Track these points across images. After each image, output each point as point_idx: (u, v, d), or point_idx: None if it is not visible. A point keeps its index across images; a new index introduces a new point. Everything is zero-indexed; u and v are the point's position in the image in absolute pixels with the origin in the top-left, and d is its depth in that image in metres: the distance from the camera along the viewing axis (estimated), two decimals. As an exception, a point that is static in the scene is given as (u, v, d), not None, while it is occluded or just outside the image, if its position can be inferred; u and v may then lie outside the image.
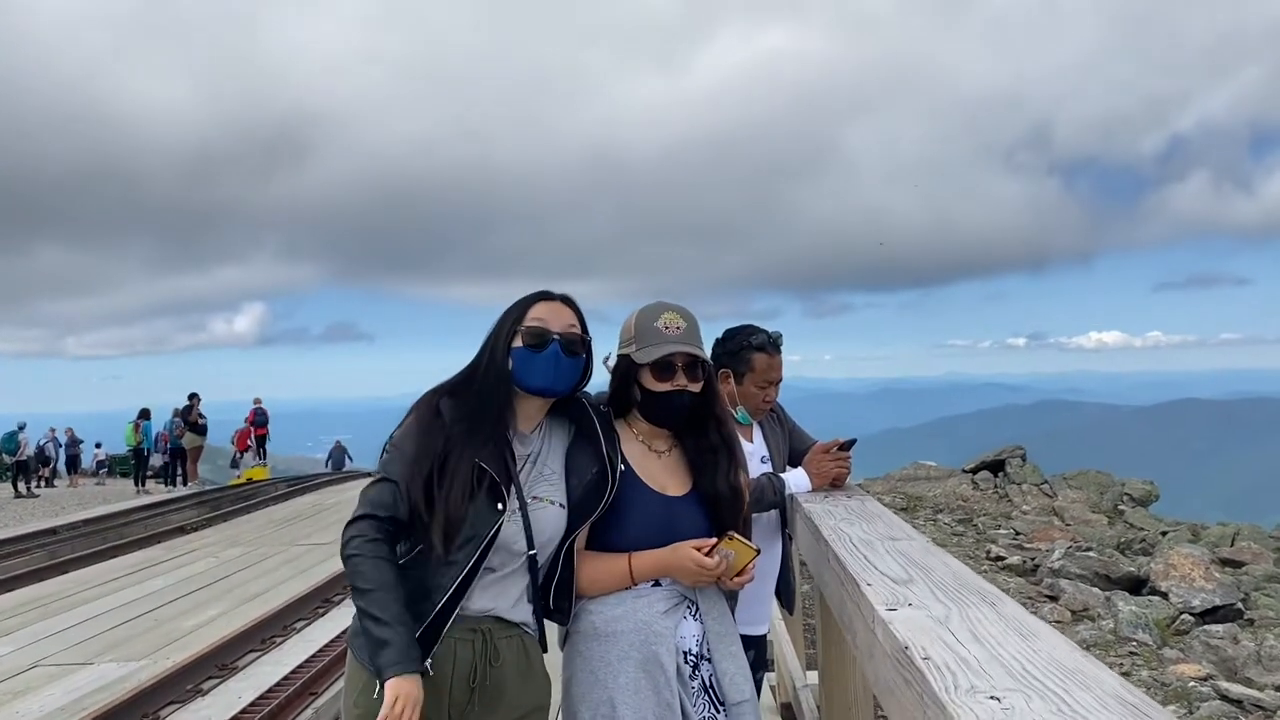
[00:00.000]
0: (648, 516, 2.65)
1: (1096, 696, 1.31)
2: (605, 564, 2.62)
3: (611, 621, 2.60)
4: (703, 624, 2.67)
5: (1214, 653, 8.62)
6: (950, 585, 1.97)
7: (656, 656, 2.56)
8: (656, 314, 2.69)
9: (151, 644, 8.34)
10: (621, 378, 2.73)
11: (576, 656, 2.64)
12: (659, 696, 2.54)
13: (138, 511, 19.01)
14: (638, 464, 2.71)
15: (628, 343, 2.71)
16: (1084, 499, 17.26)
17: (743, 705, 2.65)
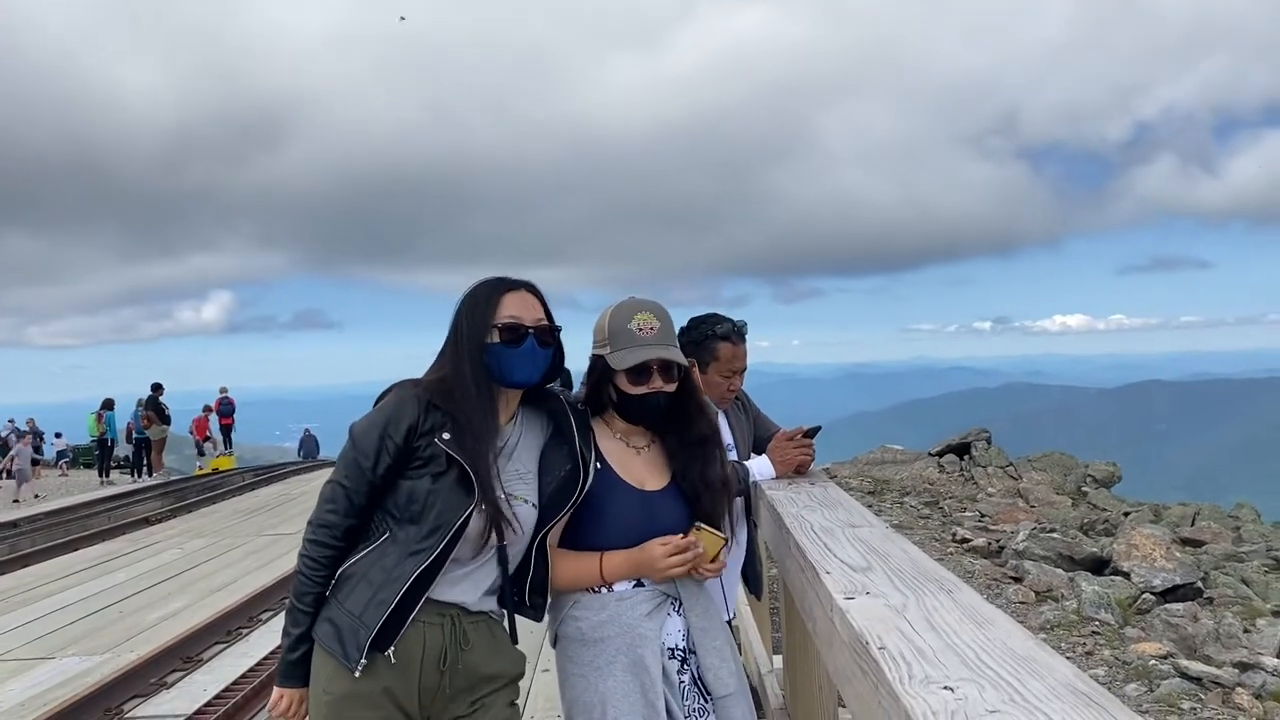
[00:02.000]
0: (626, 512, 2.65)
1: (1049, 685, 1.31)
2: (577, 563, 2.63)
3: (597, 627, 2.62)
4: (686, 619, 2.68)
5: (1174, 631, 8.75)
6: (908, 573, 1.98)
7: (642, 660, 2.58)
8: (630, 315, 2.67)
9: (115, 637, 8.25)
10: (598, 378, 2.72)
11: (567, 662, 2.67)
12: (645, 699, 2.56)
13: (101, 503, 18.79)
14: (616, 461, 2.71)
15: (601, 343, 2.70)
16: (1048, 481, 17.46)
17: (727, 699, 2.66)
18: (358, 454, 2.53)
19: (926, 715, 1.23)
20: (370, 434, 2.53)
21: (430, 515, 2.48)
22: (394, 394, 2.60)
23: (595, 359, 2.72)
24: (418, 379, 2.64)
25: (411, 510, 2.50)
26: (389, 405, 2.57)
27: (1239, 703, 6.96)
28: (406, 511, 2.50)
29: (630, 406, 2.70)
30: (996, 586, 10.42)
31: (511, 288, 2.64)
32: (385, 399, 2.61)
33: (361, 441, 2.53)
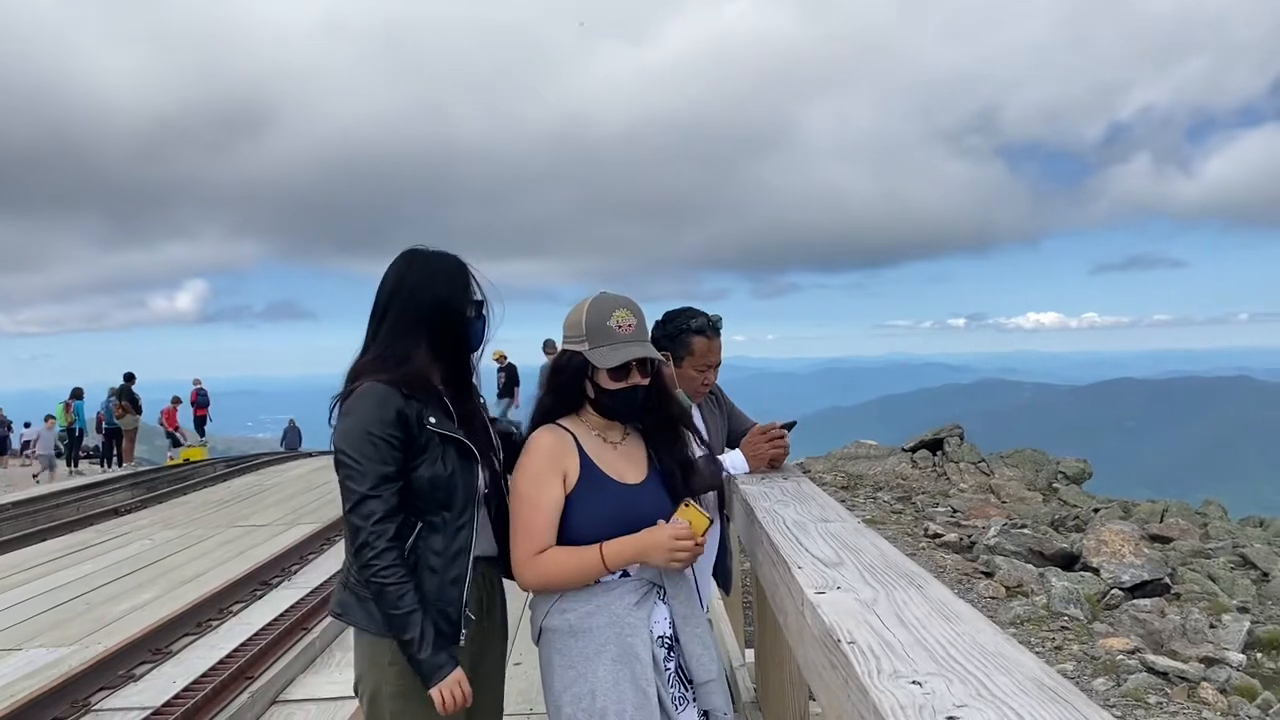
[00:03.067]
0: (608, 507, 2.65)
1: (1015, 680, 1.32)
2: (576, 557, 2.60)
3: (585, 617, 2.62)
4: (670, 606, 2.69)
5: (1141, 626, 8.86)
6: (879, 567, 1.99)
7: (632, 648, 2.59)
8: (608, 311, 2.68)
9: (83, 629, 8.17)
10: (574, 374, 2.72)
11: (554, 654, 2.66)
12: (636, 686, 2.56)
13: (70, 493, 18.59)
14: (595, 455, 2.71)
15: (577, 339, 2.70)
16: (1020, 477, 17.61)
17: (709, 685, 2.68)
18: (377, 464, 2.60)
19: (895, 709, 1.24)
20: (377, 443, 2.60)
21: (459, 493, 2.69)
22: (370, 395, 2.64)
23: (570, 354, 2.71)
24: (376, 371, 2.68)
25: (438, 497, 2.67)
26: (373, 409, 2.62)
27: (1204, 697, 7.05)
28: (433, 499, 2.67)
29: (610, 402, 2.72)
30: (967, 581, 10.50)
31: (468, 265, 2.83)
32: (360, 401, 2.64)
33: (373, 451, 2.60)
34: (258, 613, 8.33)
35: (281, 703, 6.22)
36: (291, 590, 9.16)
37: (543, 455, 2.67)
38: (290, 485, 18.96)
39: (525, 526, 2.64)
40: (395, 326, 2.73)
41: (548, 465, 2.66)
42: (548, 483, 2.64)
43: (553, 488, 2.64)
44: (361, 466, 2.59)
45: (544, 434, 2.72)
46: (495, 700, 3.03)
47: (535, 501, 2.64)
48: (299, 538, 11.70)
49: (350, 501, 2.61)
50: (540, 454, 2.68)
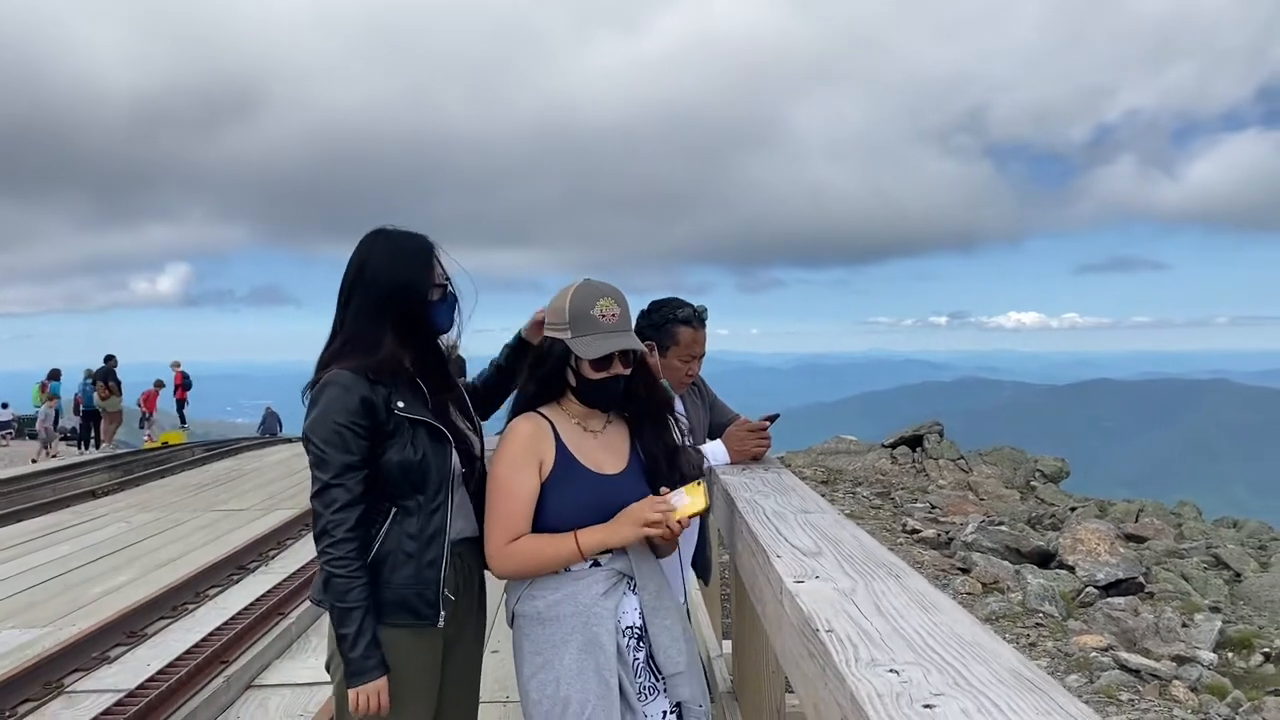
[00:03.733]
0: (585, 498, 2.64)
1: (992, 670, 1.33)
2: (550, 544, 2.61)
3: (553, 605, 2.62)
4: (640, 598, 2.69)
5: (1115, 624, 8.93)
6: (858, 558, 1.99)
7: (597, 638, 2.59)
8: (592, 300, 2.66)
9: (57, 610, 8.12)
10: (557, 362, 2.70)
11: (523, 640, 2.67)
12: (600, 676, 2.57)
13: (45, 475, 18.46)
14: (573, 445, 2.70)
15: (560, 327, 2.68)
16: (998, 474, 17.71)
17: (677, 677, 2.68)
18: (341, 453, 2.60)
19: (872, 697, 1.24)
20: (342, 431, 2.60)
21: (431, 476, 2.69)
22: (335, 384, 2.64)
23: (553, 342, 2.70)
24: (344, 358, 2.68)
25: (411, 481, 2.67)
26: (337, 398, 2.62)
27: (1175, 695, 7.12)
28: (405, 485, 2.67)
29: (591, 391, 2.71)
30: (944, 577, 10.56)
31: (433, 246, 2.82)
32: (325, 390, 2.64)
33: (337, 440, 2.60)
34: (234, 597, 8.29)
35: (257, 687, 6.20)
36: (268, 575, 9.12)
37: (519, 443, 2.67)
38: (269, 471, 18.88)
39: (499, 514, 2.64)
40: (360, 311, 2.72)
41: (524, 453, 2.65)
42: (523, 471, 2.64)
43: (528, 476, 2.64)
44: (326, 455, 2.59)
45: (522, 422, 2.72)
46: (470, 684, 3.03)
47: (509, 490, 2.64)
48: (276, 523, 11.65)
49: (314, 488, 2.62)
50: (517, 442, 2.68)
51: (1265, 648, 8.57)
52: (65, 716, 5.62)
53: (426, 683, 2.78)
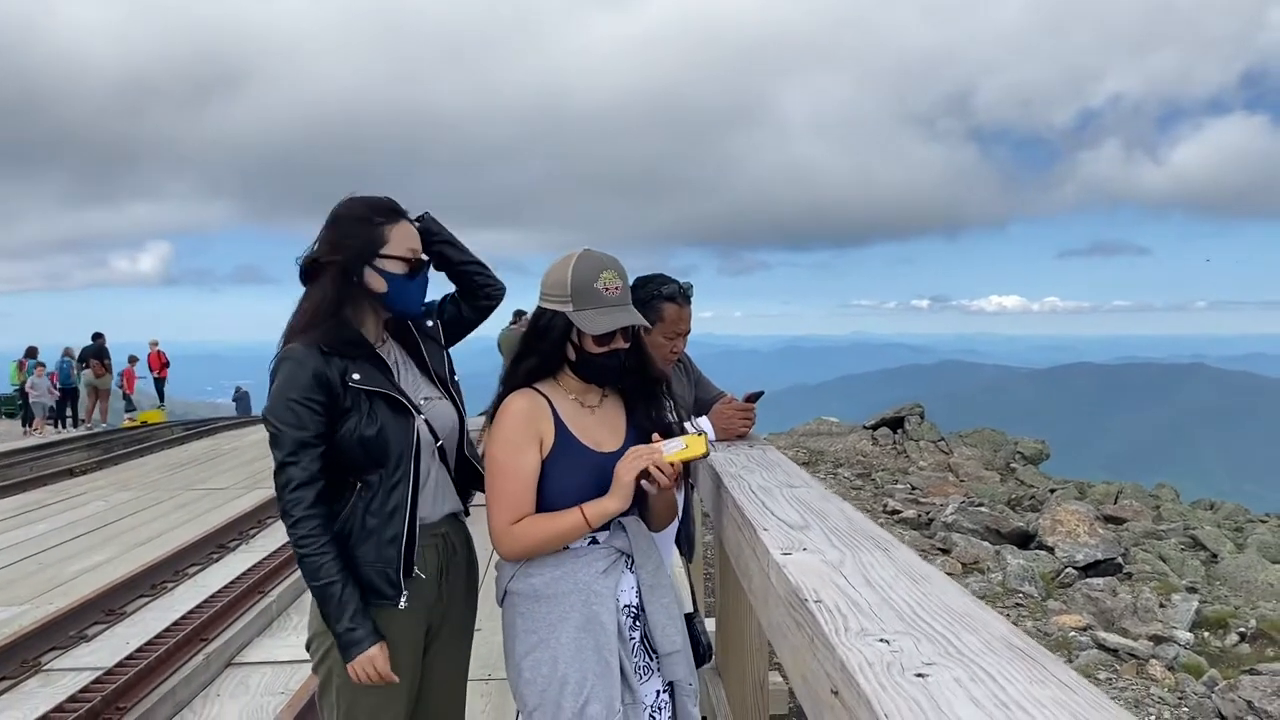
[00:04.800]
0: (583, 475, 2.57)
1: (984, 639, 1.31)
2: (557, 522, 2.52)
3: (552, 583, 2.56)
4: (638, 576, 2.63)
5: (1094, 604, 8.99)
6: (845, 531, 1.98)
7: (597, 616, 2.53)
8: (595, 271, 2.55)
9: (34, 588, 8.06)
10: (558, 337, 2.59)
11: (517, 618, 2.60)
12: (599, 655, 2.51)
13: (23, 453, 18.31)
14: (571, 421, 2.61)
15: (560, 299, 2.56)
16: (978, 456, 17.81)
17: (673, 656, 2.64)
18: (295, 430, 2.53)
19: (862, 666, 1.23)
20: (295, 408, 2.53)
21: (392, 450, 2.61)
22: (288, 359, 2.57)
23: (552, 314, 2.58)
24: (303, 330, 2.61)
25: (373, 456, 2.60)
26: (290, 374, 2.55)
27: (1152, 674, 7.18)
28: (367, 461, 2.60)
29: (593, 367, 2.62)
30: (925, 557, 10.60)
31: (402, 215, 2.71)
32: (280, 366, 2.58)
33: (291, 417, 2.54)
34: (214, 575, 8.25)
35: (237, 665, 6.17)
36: (249, 554, 9.08)
37: (518, 420, 2.57)
38: (248, 450, 18.77)
39: (502, 494, 2.54)
40: (320, 281, 2.65)
41: (524, 431, 2.55)
42: (524, 449, 2.54)
43: (529, 454, 2.54)
44: (281, 432, 2.53)
45: (518, 399, 2.61)
46: (458, 666, 2.99)
47: (511, 469, 2.54)
48: (256, 502, 11.59)
49: (275, 467, 2.56)
50: (515, 419, 2.57)
51: (1241, 627, 8.65)
52: (43, 694, 5.57)
53: (408, 658, 2.73)
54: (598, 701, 2.49)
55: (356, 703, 2.64)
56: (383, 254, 2.64)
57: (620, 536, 2.62)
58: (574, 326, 2.55)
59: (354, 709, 2.65)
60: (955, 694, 1.13)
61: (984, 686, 1.15)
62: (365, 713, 2.66)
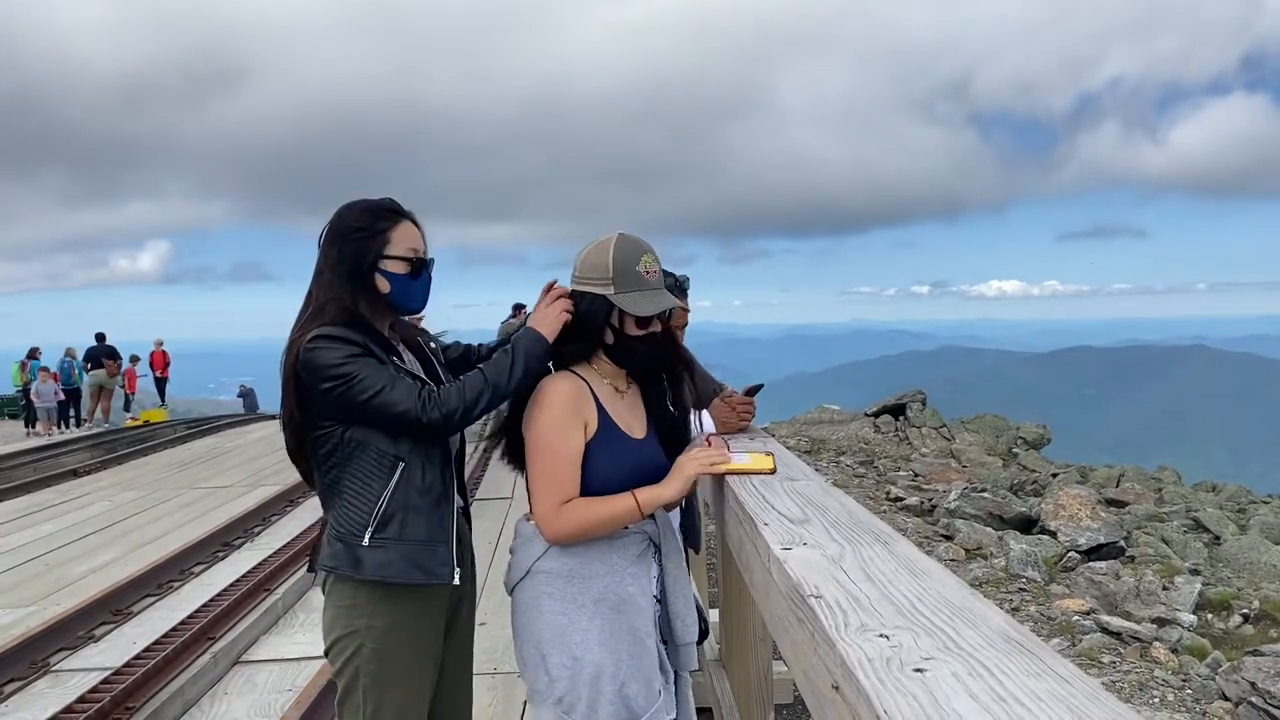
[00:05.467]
0: (625, 460, 2.55)
1: (982, 633, 1.33)
2: (608, 505, 2.47)
3: (585, 564, 2.51)
4: (663, 566, 2.62)
5: (1097, 588, 9.01)
6: (845, 524, 1.99)
7: (633, 598, 2.51)
8: (635, 255, 2.55)
9: (41, 589, 8.08)
10: (601, 319, 2.56)
11: (544, 597, 2.52)
12: (634, 637, 2.49)
13: (27, 454, 18.34)
14: (609, 406, 2.58)
15: (601, 281, 2.54)
16: (980, 442, 17.82)
17: (689, 647, 2.64)
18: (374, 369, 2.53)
19: (862, 662, 1.24)
20: (358, 358, 2.52)
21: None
22: (323, 337, 2.54)
23: (593, 298, 2.56)
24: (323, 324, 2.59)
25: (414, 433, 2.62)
26: (333, 346, 2.53)
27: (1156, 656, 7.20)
28: (408, 437, 2.62)
29: (630, 350, 2.60)
30: (928, 544, 10.63)
31: (402, 215, 2.72)
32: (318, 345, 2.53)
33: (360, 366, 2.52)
34: (220, 574, 8.27)
35: (244, 663, 6.19)
36: (254, 551, 9.10)
37: (565, 403, 2.52)
38: (252, 447, 18.80)
39: (549, 475, 2.48)
40: (326, 280, 2.65)
41: (570, 414, 2.51)
42: (570, 431, 2.50)
43: (575, 437, 2.50)
44: (362, 376, 2.50)
45: (562, 381, 2.56)
46: (469, 652, 3.02)
47: (559, 451, 2.49)
48: (261, 499, 11.61)
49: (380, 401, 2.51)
50: (561, 401, 2.52)
51: (1244, 609, 8.67)
52: (52, 695, 5.60)
53: (431, 652, 2.75)
54: (636, 683, 2.46)
55: (384, 700, 2.64)
56: (386, 254, 2.65)
57: (651, 524, 2.60)
58: (614, 309, 2.54)
59: (381, 707, 2.64)
60: (953, 689, 1.14)
61: (982, 681, 1.16)
62: (393, 708, 2.65)
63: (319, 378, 2.52)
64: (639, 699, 2.45)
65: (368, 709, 2.64)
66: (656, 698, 2.49)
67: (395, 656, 2.64)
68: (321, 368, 2.51)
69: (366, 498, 2.60)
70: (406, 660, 2.66)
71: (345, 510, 2.63)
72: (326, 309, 2.61)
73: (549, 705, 2.49)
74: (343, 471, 2.62)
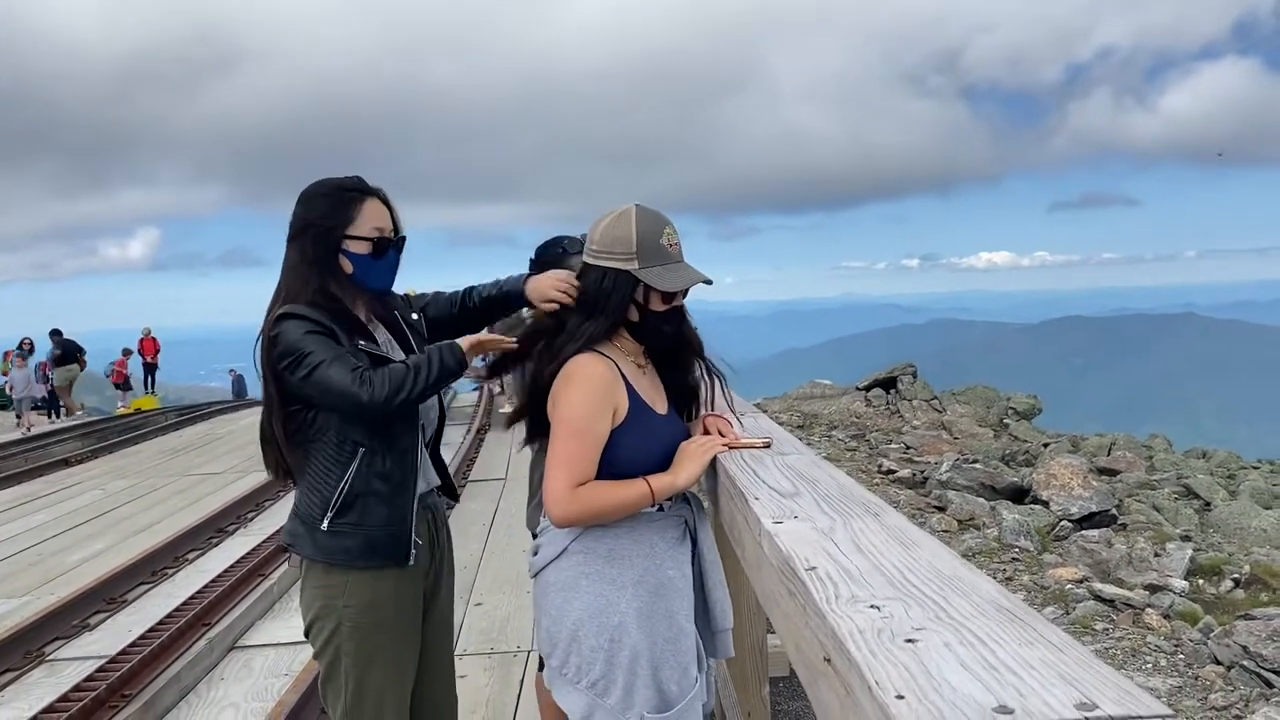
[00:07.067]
0: (653, 440, 2.49)
1: (974, 603, 1.32)
2: (622, 489, 2.41)
3: (625, 545, 2.45)
4: (699, 549, 2.60)
5: (1089, 556, 9.05)
6: (835, 497, 1.98)
7: (672, 581, 2.46)
8: (659, 227, 2.47)
9: (34, 579, 8.08)
10: (625, 295, 2.47)
11: (581, 577, 2.44)
12: (672, 621, 2.43)
13: (17, 444, 18.27)
14: (636, 385, 2.51)
15: (623, 257, 2.45)
16: (971, 413, 17.86)
17: (725, 633, 2.61)
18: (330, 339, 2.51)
19: (853, 633, 1.23)
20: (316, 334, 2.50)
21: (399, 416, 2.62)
22: (290, 318, 2.53)
23: (616, 273, 2.46)
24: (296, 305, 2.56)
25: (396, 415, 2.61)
26: (299, 325, 2.51)
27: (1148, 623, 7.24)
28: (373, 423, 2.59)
29: (658, 327, 2.54)
30: (921, 516, 10.66)
31: (369, 192, 2.67)
32: (282, 325, 2.52)
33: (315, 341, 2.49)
34: (214, 560, 8.27)
35: (240, 648, 6.20)
36: (248, 537, 9.10)
37: (598, 386, 2.42)
38: (243, 433, 18.75)
39: (569, 456, 2.38)
40: (291, 261, 2.63)
41: (602, 398, 2.42)
42: (601, 415, 2.41)
43: (604, 421, 2.41)
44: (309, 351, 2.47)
45: (596, 363, 2.45)
46: (448, 636, 3.04)
47: (585, 433, 2.39)
48: (253, 485, 11.59)
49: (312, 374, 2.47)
50: (595, 384, 2.42)
51: (1235, 574, 8.72)
52: (48, 684, 5.60)
53: (411, 629, 2.76)
54: (672, 668, 2.39)
55: (366, 678, 2.64)
56: (348, 234, 2.62)
57: (685, 508, 2.57)
58: (639, 285, 2.46)
59: (363, 684, 2.64)
60: (945, 658, 1.14)
61: (973, 650, 1.16)
62: (375, 687, 2.65)
63: (274, 354, 2.53)
64: (674, 684, 2.38)
65: (349, 688, 2.64)
66: (693, 684, 2.43)
67: (375, 635, 2.64)
68: (279, 345, 2.51)
69: (327, 481, 2.60)
70: (386, 638, 2.66)
71: (307, 492, 2.64)
72: (295, 291, 2.59)
73: (581, 688, 2.39)
74: (308, 452, 2.62)
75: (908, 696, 1.05)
